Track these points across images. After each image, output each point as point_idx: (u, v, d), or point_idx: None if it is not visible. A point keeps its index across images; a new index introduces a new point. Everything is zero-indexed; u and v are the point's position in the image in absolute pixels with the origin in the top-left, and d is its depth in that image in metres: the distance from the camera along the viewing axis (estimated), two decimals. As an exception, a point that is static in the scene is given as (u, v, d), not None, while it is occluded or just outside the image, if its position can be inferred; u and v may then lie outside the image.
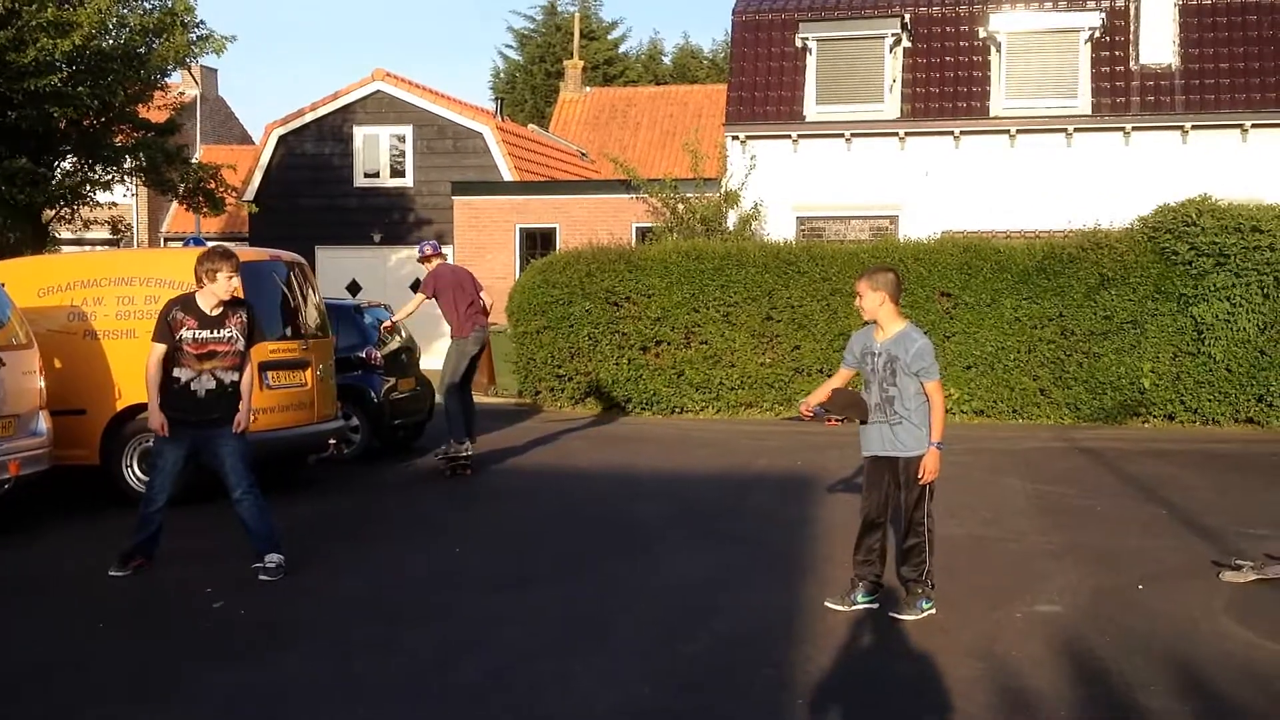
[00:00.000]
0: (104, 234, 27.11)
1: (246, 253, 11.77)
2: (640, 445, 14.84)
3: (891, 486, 7.01)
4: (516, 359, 19.53)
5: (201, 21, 18.94)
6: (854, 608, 7.02)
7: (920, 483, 6.88)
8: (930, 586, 7.01)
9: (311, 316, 11.94)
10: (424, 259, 13.06)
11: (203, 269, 8.05)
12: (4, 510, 9.51)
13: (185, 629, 6.93)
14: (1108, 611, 7.13)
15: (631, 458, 13.74)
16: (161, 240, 37.46)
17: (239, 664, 6.23)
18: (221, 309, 8.08)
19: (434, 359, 25.60)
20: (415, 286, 27.23)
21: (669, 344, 18.36)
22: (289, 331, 11.55)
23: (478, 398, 20.71)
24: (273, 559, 8.10)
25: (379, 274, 27.28)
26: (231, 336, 8.08)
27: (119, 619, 7.13)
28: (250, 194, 27.70)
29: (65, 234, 24.78)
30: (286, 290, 11.69)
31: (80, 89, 16.59)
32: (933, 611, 6.95)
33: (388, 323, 13.58)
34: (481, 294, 13.03)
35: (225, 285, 8.04)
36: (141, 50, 18.21)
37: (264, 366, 10.90)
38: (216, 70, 42.29)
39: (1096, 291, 16.79)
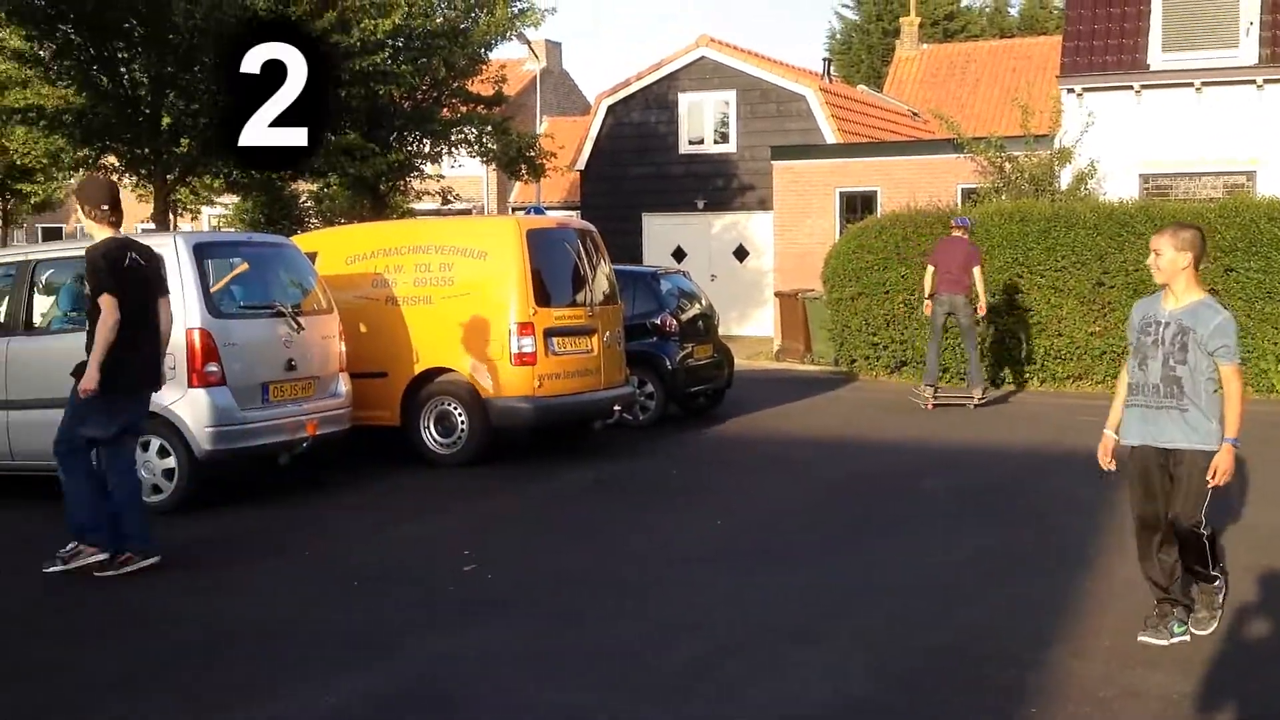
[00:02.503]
0: (454, 205, 28.52)
1: (533, 220, 11.97)
2: (946, 417, 14.14)
3: (1165, 483, 5.89)
4: (832, 326, 19.08)
5: (525, -7, 19.50)
6: (1173, 640, 5.82)
7: (1211, 485, 5.75)
8: (1215, 609, 5.98)
9: (600, 284, 11.98)
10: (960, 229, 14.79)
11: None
12: (304, 468, 10.02)
13: (430, 591, 7.04)
14: None
15: (933, 430, 13.10)
16: (510, 210, 39.10)
17: (463, 629, 6.25)
18: None
19: (748, 326, 25.63)
20: (738, 253, 27.24)
21: (990, 311, 17.39)
22: (578, 299, 11.63)
23: (792, 365, 20.55)
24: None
25: (703, 240, 27.37)
26: None
27: (372, 578, 7.33)
28: (581, 163, 28.38)
29: (426, 204, 26.15)
30: (576, 257, 11.78)
31: (404, 67, 17.40)
32: (1185, 639, 5.82)
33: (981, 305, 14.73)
34: (972, 268, 14.50)
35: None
36: (465, 26, 18.89)
37: (549, 333, 11.04)
38: (560, 44, 43.66)
39: None
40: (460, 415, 11.01)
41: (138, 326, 7.26)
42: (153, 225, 19.25)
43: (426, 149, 20.02)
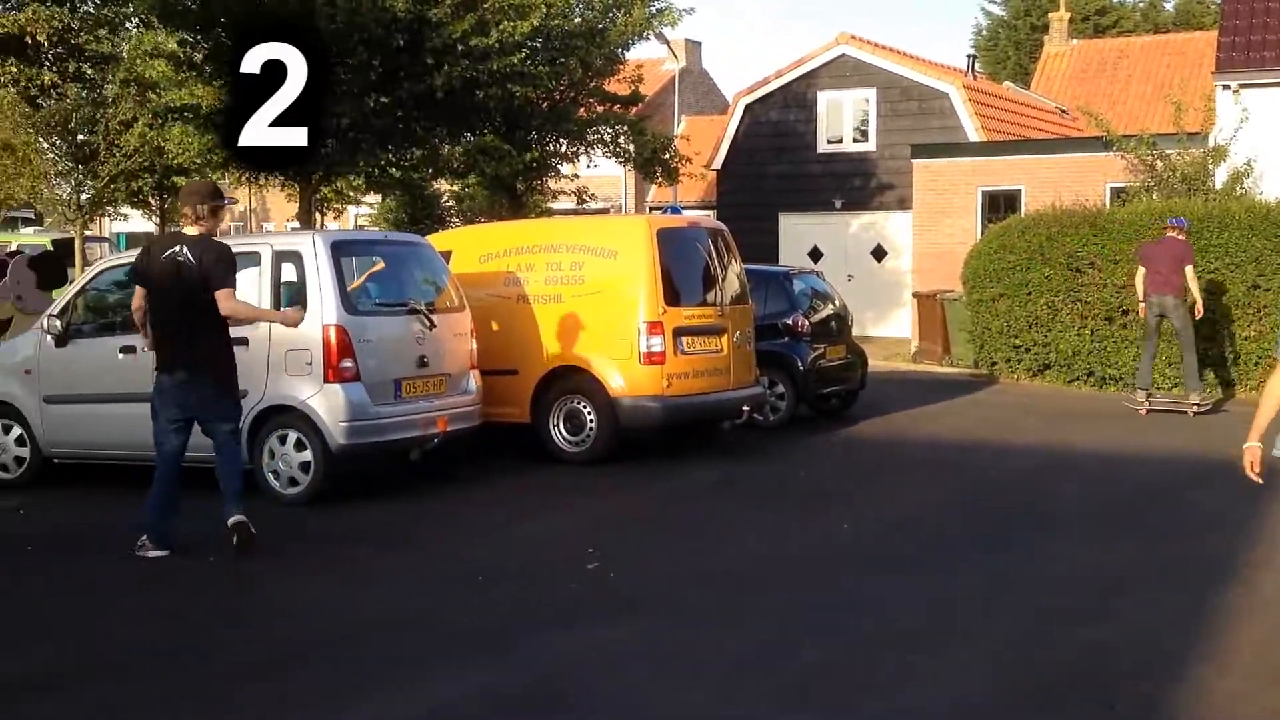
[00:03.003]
0: (591, 205, 28.75)
1: (664, 220, 11.96)
2: (1090, 423, 13.72)
3: None
4: (971, 328, 18.69)
5: (662, -7, 19.51)
6: None
7: None
8: None
9: (731, 284, 11.90)
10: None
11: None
12: (435, 464, 10.16)
13: (552, 588, 7.06)
14: None
15: (1075, 436, 12.71)
16: (647, 210, 39.23)
17: (583, 627, 6.26)
18: None
19: (885, 327, 25.25)
20: (876, 253, 26.87)
21: (1138, 314, 16.84)
22: (708, 298, 11.58)
23: (930, 367, 20.18)
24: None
25: (840, 241, 27.05)
26: None
27: (495, 574, 7.39)
28: (718, 162, 28.29)
29: (563, 203, 26.42)
30: (707, 257, 11.73)
31: (541, 68, 17.56)
32: None
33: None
34: (1184, 267, 14.19)
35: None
36: (602, 26, 18.99)
37: (678, 332, 11.02)
38: (700, 43, 43.66)
39: None
40: (589, 413, 11.04)
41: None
42: (298, 224, 19.78)
43: (563, 149, 20.18)
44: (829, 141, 27.48)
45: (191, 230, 7.69)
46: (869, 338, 23.91)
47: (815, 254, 26.85)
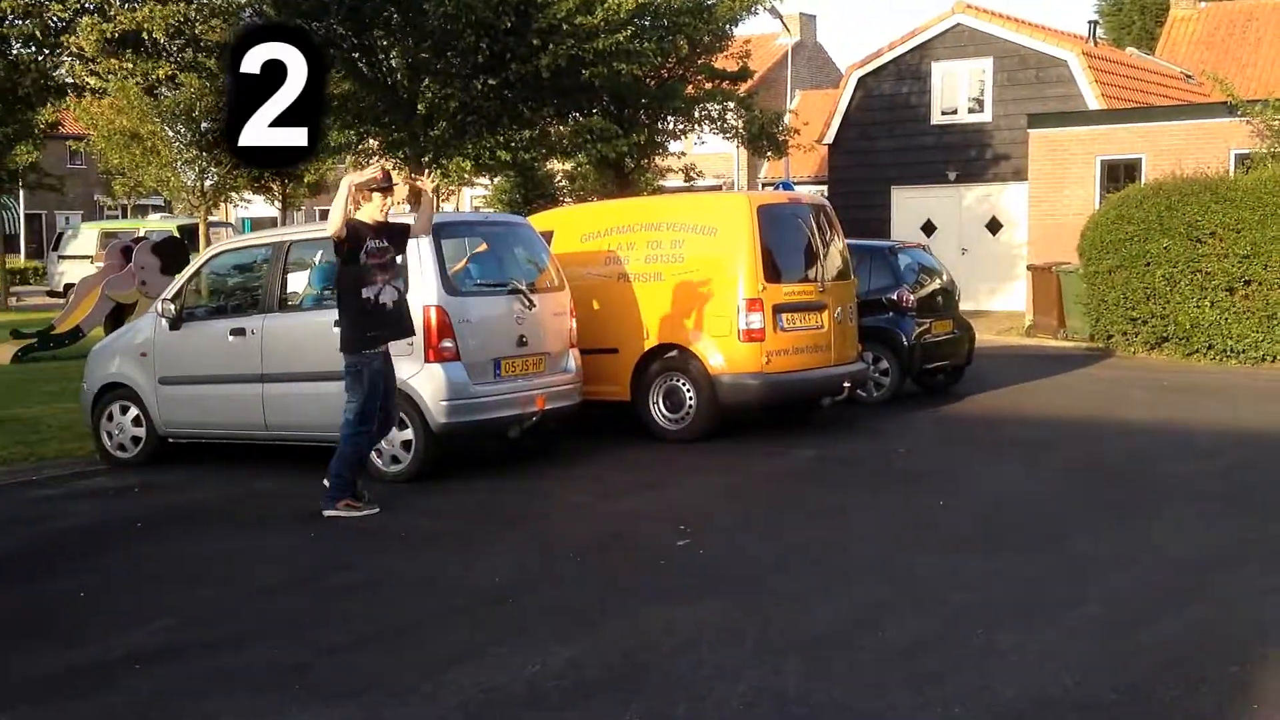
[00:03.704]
0: (700, 182, 28.72)
1: (764, 196, 11.91)
2: (1210, 398, 13.33)
3: None
4: (1088, 300, 18.29)
5: (767, -31, 19.40)
6: None
7: None
8: None
9: (833, 259, 11.82)
10: None
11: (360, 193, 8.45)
12: (535, 441, 10.30)
13: (641, 565, 7.14)
14: None
15: (1192, 411, 12.38)
16: (760, 186, 39.05)
17: (669, 604, 6.30)
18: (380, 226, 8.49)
19: (999, 300, 24.79)
20: (991, 225, 26.38)
21: (1260, 284, 16.31)
22: (809, 274, 11.52)
23: (1045, 341, 19.78)
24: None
25: (953, 213, 26.60)
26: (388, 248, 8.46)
27: (587, 550, 7.49)
28: (830, 136, 28.01)
29: (674, 181, 26.41)
30: (808, 233, 11.66)
31: (647, 45, 17.58)
32: None
33: None
34: None
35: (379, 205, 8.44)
36: (710, 2, 18.92)
37: (778, 309, 10.99)
38: (814, 17, 43.22)
39: None
40: (688, 391, 11.08)
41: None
42: (407, 206, 20.10)
43: (670, 127, 20.20)
44: (943, 113, 27.02)
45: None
46: (983, 312, 23.55)
47: (929, 228, 26.47)
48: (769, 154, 21.59)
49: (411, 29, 17.32)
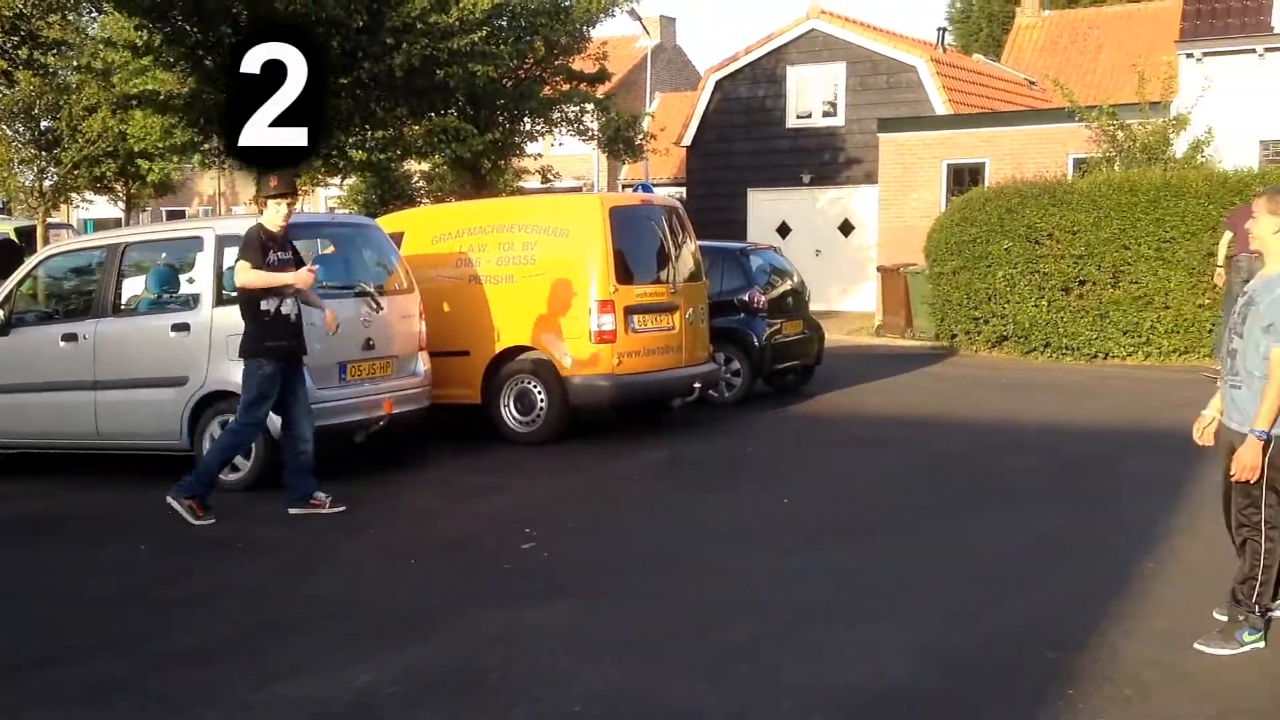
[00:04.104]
0: (558, 184, 28.68)
1: (616, 197, 11.96)
2: (1042, 394, 13.79)
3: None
4: (933, 300, 18.76)
5: (624, -30, 19.45)
6: (1239, 650, 5.31)
7: (1231, 477, 5.32)
8: (1259, 614, 5.33)
9: (685, 261, 11.92)
10: None
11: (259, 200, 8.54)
12: (380, 446, 10.17)
13: (483, 569, 7.10)
14: None
15: (1025, 407, 12.79)
16: (620, 188, 39.16)
17: (510, 608, 6.29)
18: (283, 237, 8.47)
19: (851, 301, 25.29)
20: (843, 227, 26.90)
21: (1094, 284, 16.93)
22: (661, 276, 11.60)
23: (893, 340, 20.25)
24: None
25: (808, 215, 27.09)
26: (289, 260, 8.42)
27: (430, 555, 7.43)
28: (688, 139, 28.27)
29: (531, 183, 26.34)
30: (660, 234, 11.73)
31: (503, 46, 17.50)
32: (1260, 646, 5.32)
33: None
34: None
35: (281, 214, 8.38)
36: (566, 4, 18.91)
37: (630, 310, 11.05)
38: (675, 19, 43.52)
39: None
40: (540, 393, 11.07)
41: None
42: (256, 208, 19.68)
43: (526, 128, 20.13)
44: (798, 116, 27.50)
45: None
46: (835, 312, 24.02)
47: (784, 229, 26.90)
48: (625, 157, 21.65)
49: (258, 26, 16.93)
